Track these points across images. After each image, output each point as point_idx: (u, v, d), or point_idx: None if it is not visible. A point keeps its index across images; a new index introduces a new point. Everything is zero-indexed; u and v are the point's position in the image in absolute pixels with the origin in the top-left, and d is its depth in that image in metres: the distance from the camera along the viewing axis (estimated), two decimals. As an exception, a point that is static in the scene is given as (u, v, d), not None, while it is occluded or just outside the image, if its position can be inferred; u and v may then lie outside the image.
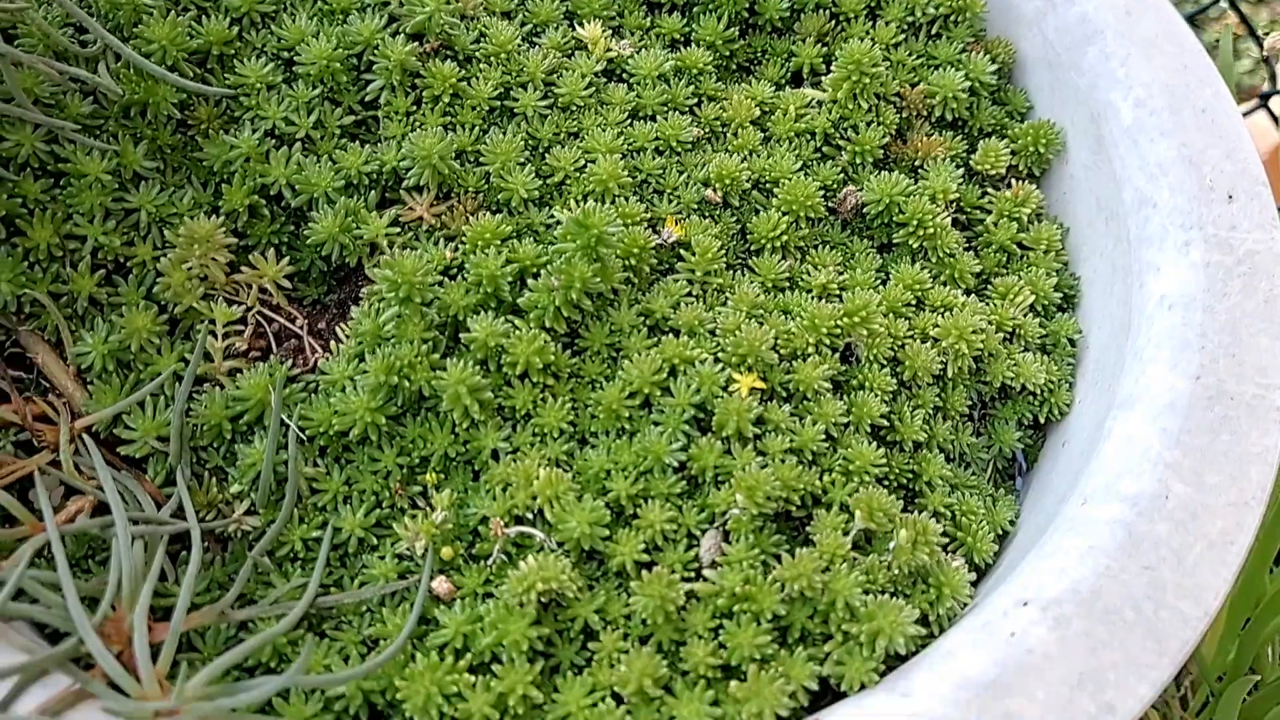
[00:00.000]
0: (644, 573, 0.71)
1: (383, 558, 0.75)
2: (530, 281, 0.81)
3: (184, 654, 0.72)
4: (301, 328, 0.85)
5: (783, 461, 0.76)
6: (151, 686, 0.62)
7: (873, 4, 1.04)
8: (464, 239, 0.84)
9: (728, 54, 1.02)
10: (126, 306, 0.82)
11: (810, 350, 0.82)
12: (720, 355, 0.80)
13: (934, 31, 1.04)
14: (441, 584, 0.73)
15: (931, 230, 0.91)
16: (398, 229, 0.86)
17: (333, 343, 0.84)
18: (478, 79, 0.92)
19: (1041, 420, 0.90)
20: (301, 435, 0.78)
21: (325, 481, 0.78)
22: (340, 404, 0.78)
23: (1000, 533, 0.84)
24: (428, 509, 0.77)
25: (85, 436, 0.78)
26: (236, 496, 0.78)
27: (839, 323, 0.83)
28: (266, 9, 0.92)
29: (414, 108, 0.91)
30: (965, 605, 0.75)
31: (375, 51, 0.90)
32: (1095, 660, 0.66)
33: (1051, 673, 0.65)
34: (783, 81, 1.02)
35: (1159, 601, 0.68)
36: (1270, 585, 1.10)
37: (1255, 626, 1.11)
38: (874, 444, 0.79)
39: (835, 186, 0.95)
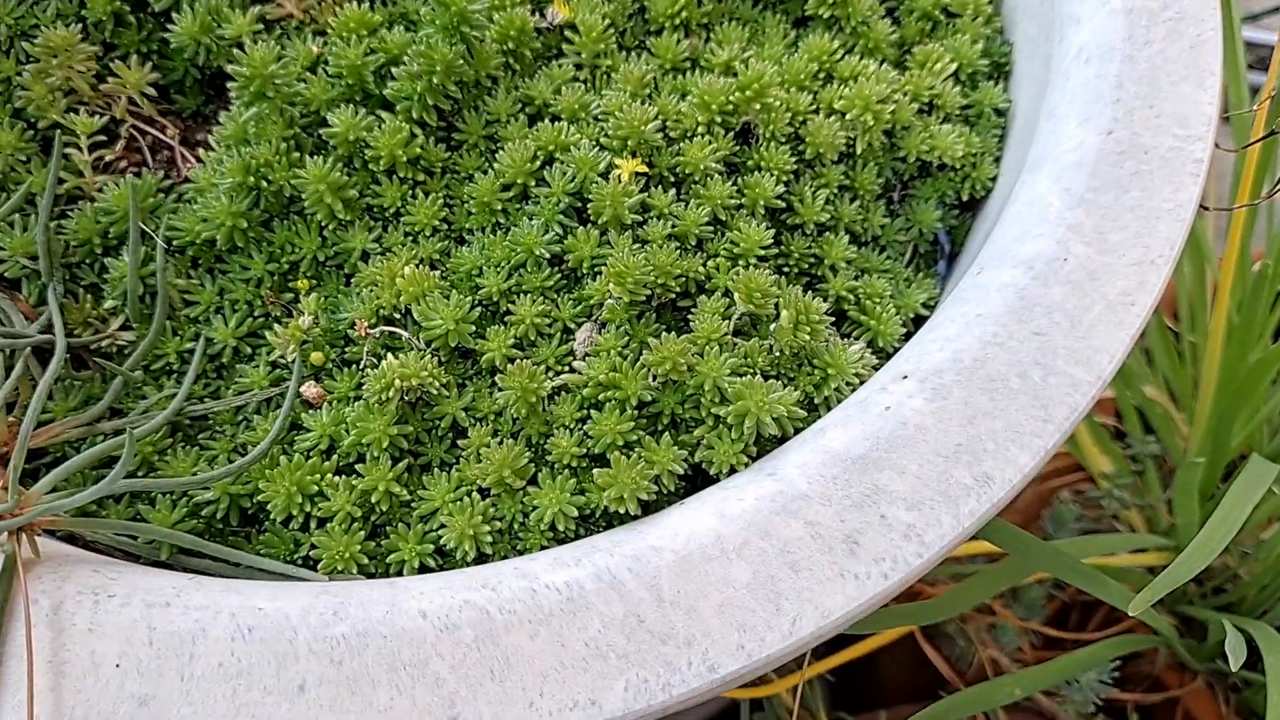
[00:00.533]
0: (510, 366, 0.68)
1: (257, 367, 0.74)
2: (395, 70, 0.76)
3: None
4: (173, 138, 0.82)
5: (661, 248, 0.72)
6: (-8, 492, 0.61)
7: None
8: (331, 31, 0.79)
9: None
10: (-15, 123, 0.79)
11: (701, 131, 0.77)
12: (602, 140, 0.76)
13: None
14: (311, 389, 0.71)
15: (844, -3, 0.84)
16: (263, 27, 0.81)
17: (202, 151, 0.80)
18: None
19: (964, 198, 0.84)
20: (169, 246, 0.75)
21: (199, 293, 0.76)
22: (203, 210, 0.75)
23: (913, 316, 0.79)
24: (300, 315, 0.74)
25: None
26: (111, 312, 0.76)
27: (731, 98, 0.77)
28: None
29: (280, -104, 0.85)
30: (856, 388, 0.71)
31: None
32: (974, 429, 0.63)
33: (925, 445, 0.62)
34: None
35: (1048, 367, 0.64)
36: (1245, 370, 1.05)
37: (1228, 412, 1.06)
38: (768, 226, 0.75)
39: (744, -43, 0.88)
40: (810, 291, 0.77)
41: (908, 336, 0.78)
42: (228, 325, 0.74)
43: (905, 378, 0.65)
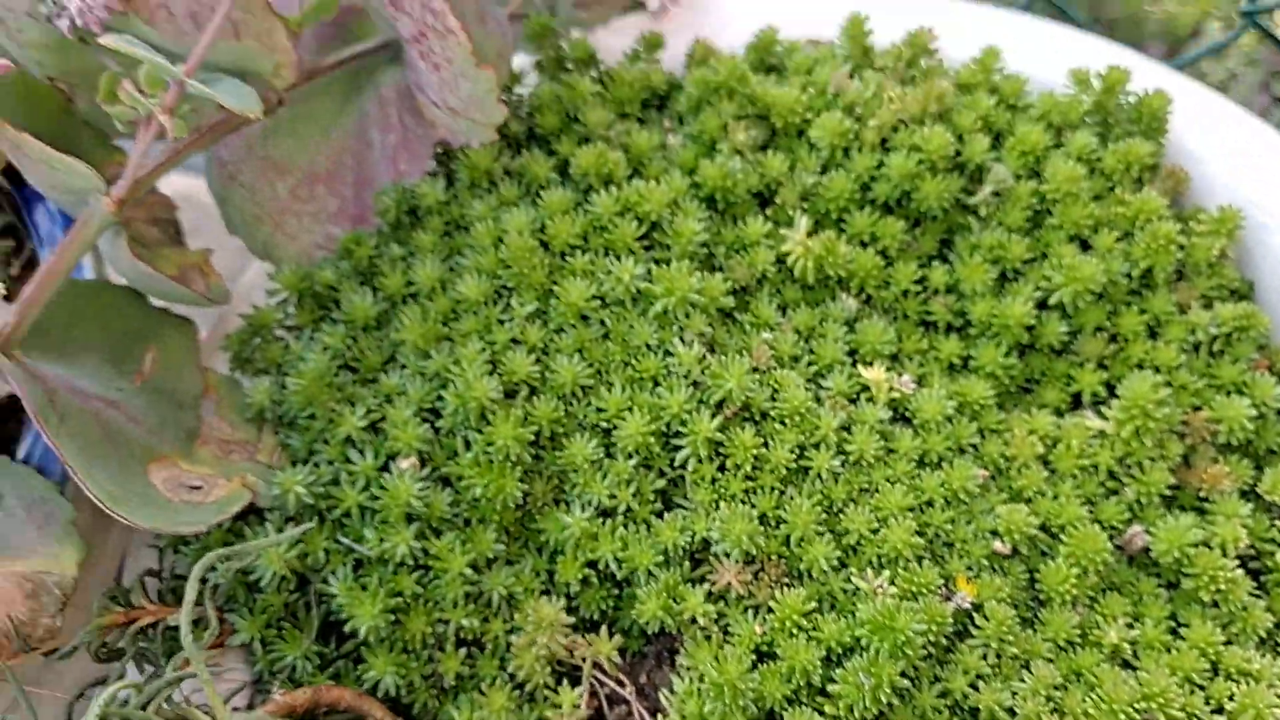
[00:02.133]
0: None
1: None
2: (838, 671, 0.89)
3: None
4: (630, 694, 0.97)
5: None
6: None
7: (1151, 324, 1.07)
8: (771, 614, 0.93)
9: (1007, 379, 1.07)
10: (483, 680, 0.95)
11: (1109, 734, 0.87)
12: (1025, 752, 0.87)
13: (1215, 349, 1.05)
14: None
15: (1223, 587, 0.93)
16: (711, 605, 0.96)
17: (660, 716, 0.94)
18: (774, 440, 1.00)
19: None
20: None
21: None
22: (678, 798, 0.88)
23: None
24: None
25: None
26: None
27: (1136, 706, 0.87)
28: (586, 381, 1.03)
29: (719, 474, 1.00)
30: None
31: (683, 425, 1.00)
32: None
33: None
34: (1063, 407, 1.06)
35: None
36: None
37: None
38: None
39: (1120, 527, 0.99)
40: None
41: None
42: None
43: None
